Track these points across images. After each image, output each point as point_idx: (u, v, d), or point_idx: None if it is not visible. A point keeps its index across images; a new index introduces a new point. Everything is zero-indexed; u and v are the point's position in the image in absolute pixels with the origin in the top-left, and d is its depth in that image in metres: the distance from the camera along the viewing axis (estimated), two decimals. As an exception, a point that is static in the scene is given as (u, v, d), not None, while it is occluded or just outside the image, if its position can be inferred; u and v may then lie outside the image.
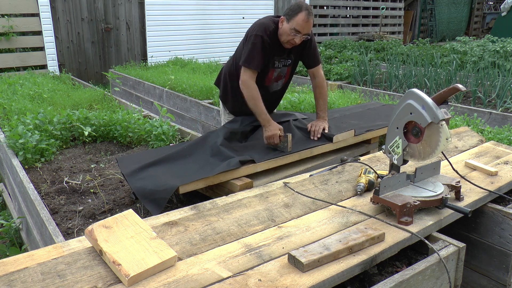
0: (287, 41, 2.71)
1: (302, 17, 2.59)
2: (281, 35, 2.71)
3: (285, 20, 2.67)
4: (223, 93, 3.09)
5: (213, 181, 2.29)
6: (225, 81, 3.04)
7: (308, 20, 2.62)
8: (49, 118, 3.53)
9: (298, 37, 2.66)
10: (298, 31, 2.63)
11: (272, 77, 2.90)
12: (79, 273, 1.33)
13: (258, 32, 2.69)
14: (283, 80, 2.99)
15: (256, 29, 2.71)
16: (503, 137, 3.37)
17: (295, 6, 2.64)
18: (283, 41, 2.73)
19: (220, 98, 3.15)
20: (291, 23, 2.63)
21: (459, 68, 7.16)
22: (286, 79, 3.03)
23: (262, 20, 2.77)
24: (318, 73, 2.99)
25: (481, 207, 2.05)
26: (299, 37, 2.67)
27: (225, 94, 3.07)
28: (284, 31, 2.68)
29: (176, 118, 5.32)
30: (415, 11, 15.86)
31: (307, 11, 2.61)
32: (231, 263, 1.43)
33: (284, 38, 2.70)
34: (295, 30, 2.63)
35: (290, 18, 2.63)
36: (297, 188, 2.02)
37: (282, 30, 2.69)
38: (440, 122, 1.73)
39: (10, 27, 7.42)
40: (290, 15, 2.64)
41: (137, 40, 9.16)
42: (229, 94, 3.03)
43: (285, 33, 2.67)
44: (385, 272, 1.62)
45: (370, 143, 3.17)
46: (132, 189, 2.30)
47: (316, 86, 3.01)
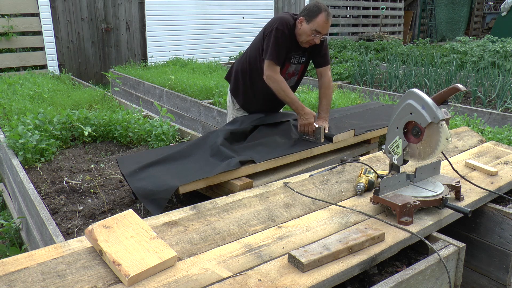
0: (306, 41, 2.77)
1: (322, 18, 2.67)
2: (300, 35, 2.76)
3: (304, 21, 2.72)
4: (234, 87, 3.13)
5: (213, 181, 2.29)
6: (237, 76, 3.09)
7: (328, 21, 2.70)
8: (49, 118, 3.53)
9: (318, 37, 2.73)
10: (319, 32, 2.70)
11: (286, 71, 2.94)
12: (79, 273, 1.33)
13: (279, 26, 2.75)
14: (296, 77, 3.04)
15: (277, 22, 2.76)
16: (503, 137, 3.37)
17: (314, 7, 2.70)
18: (302, 41, 2.78)
19: (231, 92, 3.19)
20: (311, 24, 2.69)
21: (459, 68, 7.16)
22: (299, 76, 3.08)
23: (281, 15, 2.83)
24: (326, 73, 3.04)
25: (481, 207, 2.05)
26: (319, 38, 2.74)
27: (236, 88, 3.12)
28: (303, 32, 2.73)
29: (176, 118, 5.32)
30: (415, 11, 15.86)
31: (327, 12, 2.69)
32: (231, 263, 1.43)
33: (303, 38, 2.76)
34: (316, 31, 2.70)
35: (310, 19, 2.69)
36: (297, 188, 2.02)
37: (302, 31, 2.74)
38: (440, 122, 1.73)
39: (10, 27, 7.42)
40: (310, 16, 2.69)
41: (137, 40, 9.16)
42: (240, 89, 3.09)
43: (305, 33, 2.73)
44: (385, 272, 1.62)
45: (370, 143, 3.17)
46: (132, 189, 2.30)
47: (322, 86, 3.04)
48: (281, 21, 2.76)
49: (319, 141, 2.73)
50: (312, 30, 2.70)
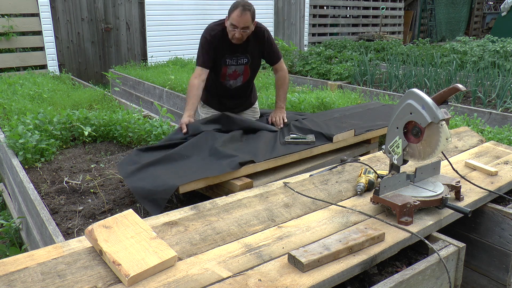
0: (231, 36, 2.95)
1: (236, 13, 2.85)
2: (228, 32, 2.95)
3: (227, 18, 2.94)
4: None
5: (213, 181, 2.29)
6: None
7: (242, 15, 2.85)
8: (49, 118, 3.53)
9: (237, 31, 2.89)
10: (236, 26, 2.87)
11: (226, 73, 3.11)
12: (79, 273, 1.33)
13: (203, 33, 3.02)
14: (242, 77, 3.19)
15: (204, 32, 3.03)
16: (503, 137, 3.37)
17: (232, 4, 2.91)
18: (230, 38, 2.96)
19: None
20: (229, 20, 2.90)
21: (459, 68, 7.16)
22: (245, 77, 3.21)
23: (210, 24, 3.07)
24: (281, 67, 3.25)
25: (481, 207, 2.05)
26: (238, 31, 2.89)
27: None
28: (228, 29, 2.94)
29: (176, 118, 5.32)
30: (415, 11, 15.85)
31: (242, 7, 2.86)
32: (231, 263, 1.43)
33: (229, 35, 2.95)
34: (233, 25, 2.88)
35: (228, 16, 2.91)
36: (297, 188, 2.02)
37: (227, 28, 2.95)
38: (440, 122, 1.73)
39: (10, 27, 7.42)
40: (229, 13, 2.91)
41: (137, 40, 9.16)
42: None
43: (228, 30, 2.93)
44: (385, 272, 1.62)
45: (370, 143, 3.17)
46: (131, 189, 2.30)
47: (278, 79, 3.27)
48: (206, 30, 3.02)
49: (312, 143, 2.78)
50: (230, 25, 2.89)
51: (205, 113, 3.33)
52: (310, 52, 8.69)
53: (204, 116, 3.31)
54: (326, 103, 4.69)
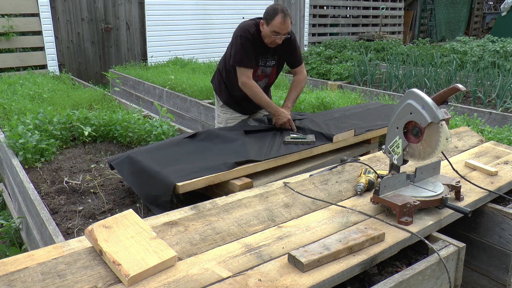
0: (270, 42, 2.93)
1: (279, 20, 2.82)
2: (264, 37, 2.94)
3: (265, 24, 2.89)
4: (218, 86, 3.32)
5: (213, 181, 2.29)
6: (219, 75, 3.28)
7: (285, 21, 2.84)
8: (49, 118, 3.53)
9: (278, 37, 2.90)
10: (278, 33, 2.86)
11: (256, 74, 3.09)
12: (79, 273, 1.33)
13: (242, 33, 2.95)
14: (267, 79, 3.19)
15: (240, 30, 2.97)
16: (503, 137, 3.37)
17: (272, 10, 2.87)
18: (267, 42, 2.95)
19: (215, 92, 3.38)
20: (270, 26, 2.86)
21: (459, 68, 7.15)
22: (271, 79, 3.23)
23: (244, 23, 3.02)
24: (301, 71, 3.26)
25: (481, 207, 2.05)
26: (280, 37, 2.90)
27: (219, 88, 3.30)
28: (265, 34, 2.91)
29: (176, 118, 5.32)
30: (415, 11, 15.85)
31: (283, 13, 2.83)
32: (231, 263, 1.43)
33: (267, 40, 2.94)
34: (275, 32, 2.86)
35: (268, 21, 2.86)
36: (297, 188, 2.02)
37: (264, 33, 2.92)
38: (440, 122, 1.73)
39: (10, 27, 7.42)
40: (268, 19, 2.86)
41: (137, 40, 9.16)
42: (222, 88, 3.27)
43: (267, 35, 2.91)
44: (385, 272, 1.62)
45: (370, 143, 3.17)
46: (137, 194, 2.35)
47: (295, 80, 3.26)
48: (243, 28, 2.96)
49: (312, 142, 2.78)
50: (271, 32, 2.86)
51: (224, 112, 3.33)
52: (310, 52, 8.69)
53: (222, 115, 3.33)
54: (326, 103, 4.69)
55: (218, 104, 3.37)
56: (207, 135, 2.82)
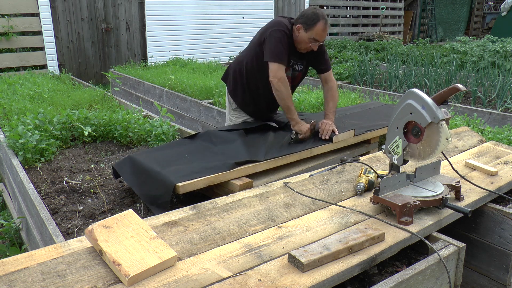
0: (304, 48, 2.78)
1: (321, 27, 2.67)
2: (299, 42, 2.77)
3: (302, 29, 2.71)
4: (233, 88, 3.13)
5: (213, 181, 2.29)
6: (235, 77, 3.09)
7: (326, 29, 2.71)
8: (49, 118, 3.53)
9: (316, 45, 2.76)
10: (317, 40, 2.71)
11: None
12: (79, 273, 1.33)
13: (280, 27, 2.74)
14: (291, 83, 2.99)
15: (276, 25, 2.77)
16: (503, 137, 3.37)
17: (313, 15, 2.68)
18: (300, 48, 2.79)
19: (229, 93, 3.19)
20: (309, 33, 2.69)
21: (459, 68, 7.16)
22: (295, 83, 3.07)
23: (279, 19, 2.83)
24: (330, 78, 3.07)
25: (481, 207, 2.05)
26: (317, 45, 2.76)
27: (235, 89, 3.12)
28: (302, 40, 2.74)
29: (176, 118, 5.32)
30: (415, 11, 15.86)
31: (325, 20, 2.69)
32: (231, 263, 1.43)
33: (302, 45, 2.77)
34: (314, 40, 2.70)
35: (309, 27, 2.68)
36: (297, 188, 2.02)
37: (300, 38, 2.74)
38: (440, 122, 1.73)
39: (10, 27, 7.42)
40: (308, 24, 2.68)
41: (137, 40, 9.16)
42: (239, 90, 3.09)
43: (303, 41, 2.74)
44: (385, 272, 1.62)
45: (370, 143, 3.17)
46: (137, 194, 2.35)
47: (328, 89, 3.06)
48: (280, 24, 2.77)
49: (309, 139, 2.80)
50: (310, 39, 2.71)
51: (236, 117, 3.18)
52: (310, 52, 8.67)
53: (235, 119, 3.19)
54: (326, 103, 4.68)
55: (231, 107, 3.20)
56: (207, 135, 2.82)
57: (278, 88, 2.76)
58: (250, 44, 3.00)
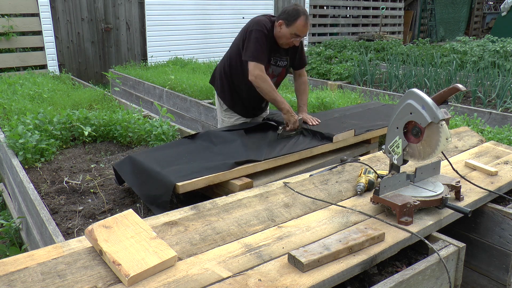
0: (286, 43, 2.84)
1: (301, 22, 2.73)
2: (280, 38, 2.83)
3: (284, 24, 2.77)
4: (221, 89, 3.20)
5: (213, 181, 2.29)
6: (222, 79, 3.15)
7: (307, 24, 2.78)
8: (49, 118, 3.53)
9: (297, 40, 2.84)
10: (298, 35, 2.78)
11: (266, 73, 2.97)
12: (79, 273, 1.33)
13: (258, 27, 2.80)
14: (275, 79, 3.09)
15: (255, 25, 2.82)
16: (503, 137, 3.37)
17: (293, 11, 2.75)
18: (282, 43, 2.85)
19: (219, 95, 3.25)
20: (291, 28, 2.75)
21: (459, 68, 7.16)
22: (279, 79, 3.14)
23: (258, 18, 2.89)
24: (303, 72, 3.24)
25: (481, 207, 2.05)
26: (298, 40, 2.86)
27: (222, 91, 3.18)
28: (283, 35, 2.80)
29: (176, 118, 5.32)
30: (415, 11, 15.85)
31: (305, 16, 2.76)
32: (231, 263, 1.43)
33: (283, 41, 2.83)
34: (296, 35, 2.77)
35: (290, 23, 2.75)
36: (297, 188, 2.02)
37: (281, 34, 2.81)
38: (440, 122, 1.73)
39: (10, 27, 7.42)
40: (289, 20, 2.75)
41: (137, 40, 9.16)
42: (226, 91, 3.15)
43: (285, 36, 2.80)
44: (385, 272, 1.62)
45: (370, 143, 3.17)
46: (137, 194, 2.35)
47: (301, 83, 3.23)
48: (259, 23, 2.83)
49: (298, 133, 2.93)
50: (292, 34, 2.78)
51: (228, 117, 3.22)
52: (310, 52, 8.69)
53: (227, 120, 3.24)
54: (326, 103, 4.70)
55: (221, 108, 3.25)
56: (207, 136, 2.82)
57: (258, 85, 2.83)
58: (232, 44, 3.07)
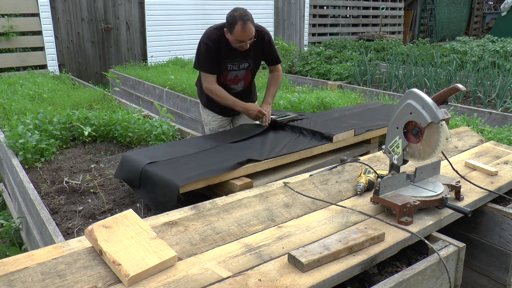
0: (238, 47, 2.90)
1: (238, 28, 2.77)
2: (232, 43, 2.90)
3: (228, 33, 2.86)
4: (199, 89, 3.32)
5: (213, 181, 2.29)
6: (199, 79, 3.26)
7: (245, 29, 2.78)
8: (49, 118, 3.53)
9: (244, 44, 2.86)
10: (241, 41, 2.83)
11: (227, 79, 3.08)
12: (79, 273, 1.33)
13: (203, 39, 2.95)
14: (243, 82, 3.17)
15: (202, 38, 2.97)
16: (503, 137, 3.37)
17: (230, 18, 2.81)
18: (238, 47, 2.91)
19: (197, 94, 3.42)
20: (233, 35, 2.83)
21: (459, 68, 7.16)
22: (247, 81, 3.21)
23: (207, 29, 3.01)
24: (278, 68, 3.29)
25: (481, 207, 2.04)
26: (246, 43, 2.86)
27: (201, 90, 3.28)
28: (232, 41, 2.89)
29: (176, 118, 5.32)
30: (415, 11, 15.85)
31: (242, 20, 2.75)
32: (231, 263, 1.43)
33: (235, 46, 2.90)
34: (238, 41, 2.83)
35: (230, 31, 2.82)
36: (297, 188, 2.02)
37: (230, 40, 2.89)
38: (440, 122, 1.73)
39: (10, 27, 7.41)
40: (229, 28, 2.83)
41: (137, 40, 9.16)
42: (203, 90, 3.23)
43: (233, 42, 2.88)
44: (385, 272, 1.62)
45: (370, 143, 3.17)
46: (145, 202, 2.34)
47: (273, 77, 3.29)
48: (204, 36, 2.96)
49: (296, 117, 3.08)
50: (236, 40, 2.84)
51: (207, 114, 3.31)
52: (310, 52, 8.69)
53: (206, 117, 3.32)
54: (326, 103, 4.69)
55: (201, 106, 3.36)
56: (206, 136, 2.83)
57: (211, 95, 3.03)
58: None
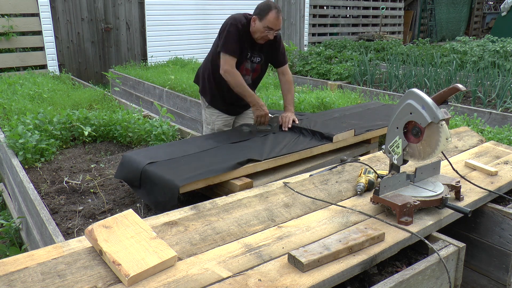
0: (261, 37, 2.94)
1: (273, 15, 2.85)
2: (255, 32, 2.94)
3: (257, 19, 2.89)
4: (202, 87, 3.31)
5: (213, 181, 2.29)
6: (203, 76, 3.26)
7: (279, 17, 2.88)
8: (49, 118, 3.53)
9: (271, 33, 2.92)
10: (271, 28, 2.89)
11: (243, 68, 3.08)
12: (79, 273, 1.33)
13: (233, 22, 2.94)
14: (251, 75, 3.17)
15: (229, 21, 2.96)
16: (503, 137, 3.37)
17: (265, 6, 2.89)
18: (257, 38, 2.96)
19: (200, 93, 3.36)
20: (263, 22, 2.87)
21: (459, 68, 7.16)
22: (255, 75, 3.21)
23: (233, 15, 3.02)
24: (287, 71, 3.29)
25: (481, 207, 2.04)
26: (272, 33, 2.93)
27: (203, 88, 3.29)
28: (257, 29, 2.92)
29: (176, 118, 5.32)
30: (415, 11, 15.85)
31: (277, 9, 2.88)
32: (231, 263, 1.43)
33: (258, 35, 2.94)
34: (268, 28, 2.88)
35: (262, 17, 2.87)
36: (297, 188, 2.02)
37: (255, 28, 2.92)
38: (440, 122, 1.73)
39: (10, 27, 7.41)
40: (262, 14, 2.87)
41: (137, 40, 9.16)
42: (207, 88, 3.26)
43: (259, 31, 2.91)
44: (385, 272, 1.62)
45: (370, 143, 3.17)
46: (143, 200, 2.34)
47: (285, 82, 3.28)
48: (234, 19, 2.95)
49: (276, 130, 3.00)
50: (264, 27, 2.88)
51: (211, 114, 3.28)
52: (310, 52, 8.69)
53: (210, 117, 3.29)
54: (326, 103, 4.69)
55: (204, 105, 3.33)
56: (206, 136, 2.83)
57: (227, 79, 2.96)
58: (214, 43, 3.17)
